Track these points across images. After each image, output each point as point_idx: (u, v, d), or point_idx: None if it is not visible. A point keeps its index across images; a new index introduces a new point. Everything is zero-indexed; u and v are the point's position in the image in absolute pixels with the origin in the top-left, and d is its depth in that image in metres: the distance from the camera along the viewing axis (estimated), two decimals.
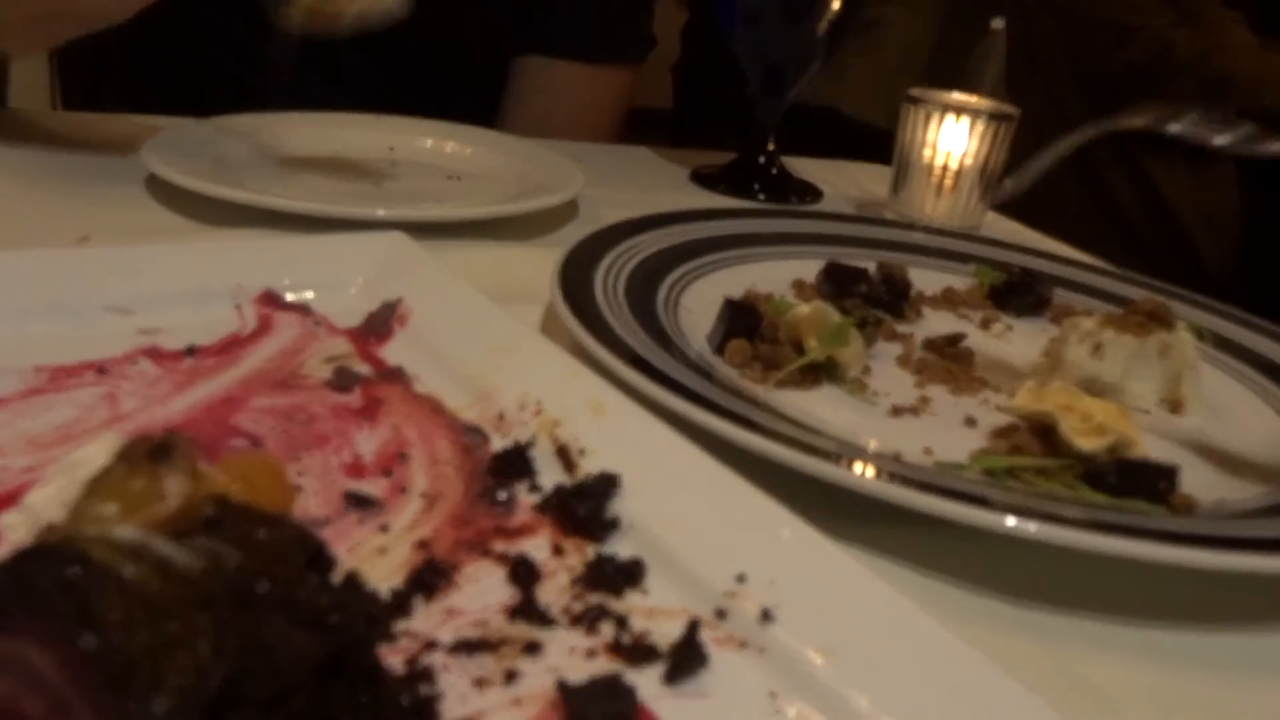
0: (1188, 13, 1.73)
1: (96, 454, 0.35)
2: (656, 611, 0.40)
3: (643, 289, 0.69)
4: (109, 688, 0.25)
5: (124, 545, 0.28)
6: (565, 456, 0.48)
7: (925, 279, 0.83)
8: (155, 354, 0.54)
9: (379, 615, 0.37)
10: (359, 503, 0.44)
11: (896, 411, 0.62)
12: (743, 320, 0.65)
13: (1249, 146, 0.63)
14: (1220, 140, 0.64)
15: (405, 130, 1.02)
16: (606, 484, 0.45)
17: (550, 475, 0.47)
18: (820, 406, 0.60)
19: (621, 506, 0.44)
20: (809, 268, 0.79)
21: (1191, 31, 1.72)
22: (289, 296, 0.61)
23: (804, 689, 0.37)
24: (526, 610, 0.39)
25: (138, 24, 0.86)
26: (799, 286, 0.78)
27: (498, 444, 0.49)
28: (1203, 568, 0.45)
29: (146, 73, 1.06)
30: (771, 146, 1.11)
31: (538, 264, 0.69)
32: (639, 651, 0.37)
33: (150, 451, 0.31)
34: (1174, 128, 0.65)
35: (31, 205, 0.77)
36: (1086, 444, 0.54)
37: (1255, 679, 0.45)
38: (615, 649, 0.37)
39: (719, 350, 0.64)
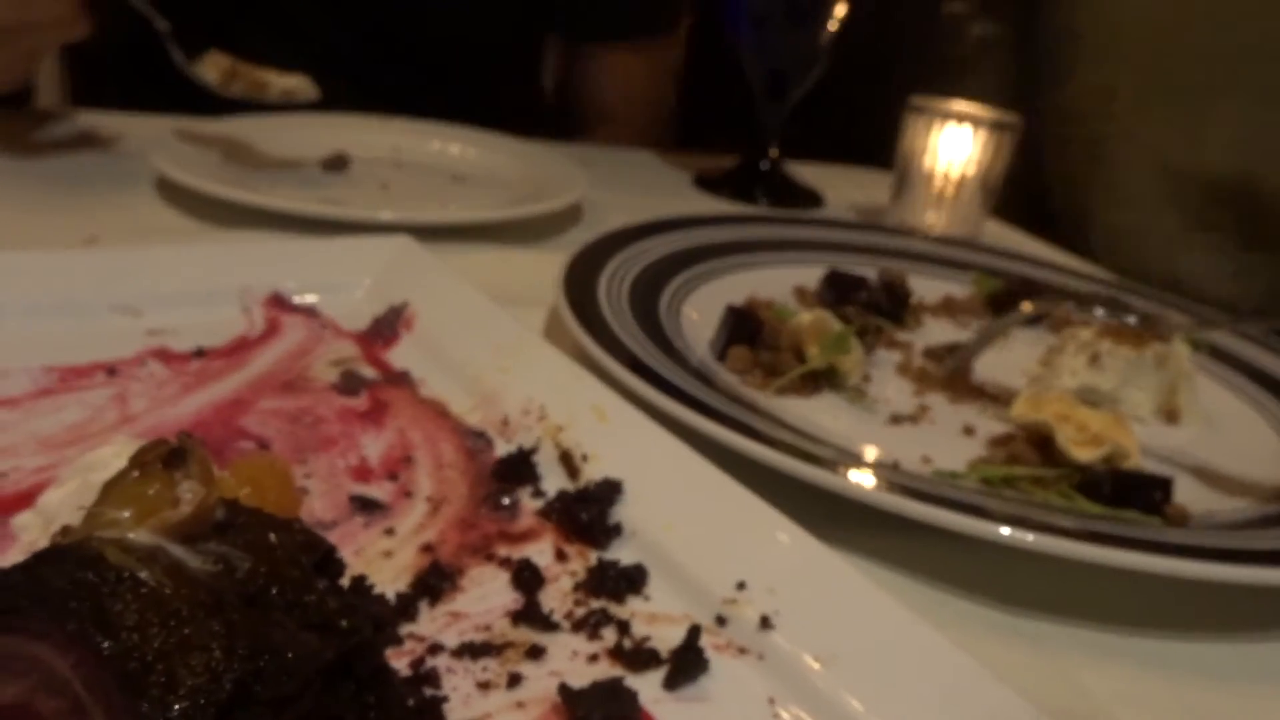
0: None
1: (110, 456, 0.36)
2: (658, 617, 0.40)
3: (646, 294, 0.70)
4: (123, 689, 0.26)
5: (138, 549, 0.29)
6: (568, 462, 0.48)
7: (925, 287, 0.83)
8: (164, 355, 0.55)
9: (386, 619, 0.37)
10: (365, 506, 0.45)
11: (895, 419, 0.62)
12: (744, 327, 0.65)
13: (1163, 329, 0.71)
14: (1131, 319, 0.71)
15: (411, 133, 1.03)
16: (609, 490, 0.46)
17: (554, 480, 0.48)
18: (820, 414, 0.61)
19: (624, 512, 0.45)
20: (810, 274, 0.80)
21: None
22: (296, 299, 0.62)
23: (802, 695, 0.37)
24: (530, 615, 0.39)
25: (145, 25, 0.86)
26: (800, 293, 0.79)
27: (502, 449, 0.50)
28: (1196, 578, 0.46)
29: (153, 73, 1.06)
30: (774, 152, 1.12)
31: (542, 267, 0.70)
32: (640, 656, 0.38)
33: (165, 457, 0.31)
34: (1099, 312, 0.73)
35: (40, 205, 0.77)
36: (1082, 454, 0.55)
37: (1249, 687, 0.46)
38: (617, 654, 0.38)
39: (721, 357, 0.65)
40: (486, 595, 0.40)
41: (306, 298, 0.62)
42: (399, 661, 0.36)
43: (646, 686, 0.36)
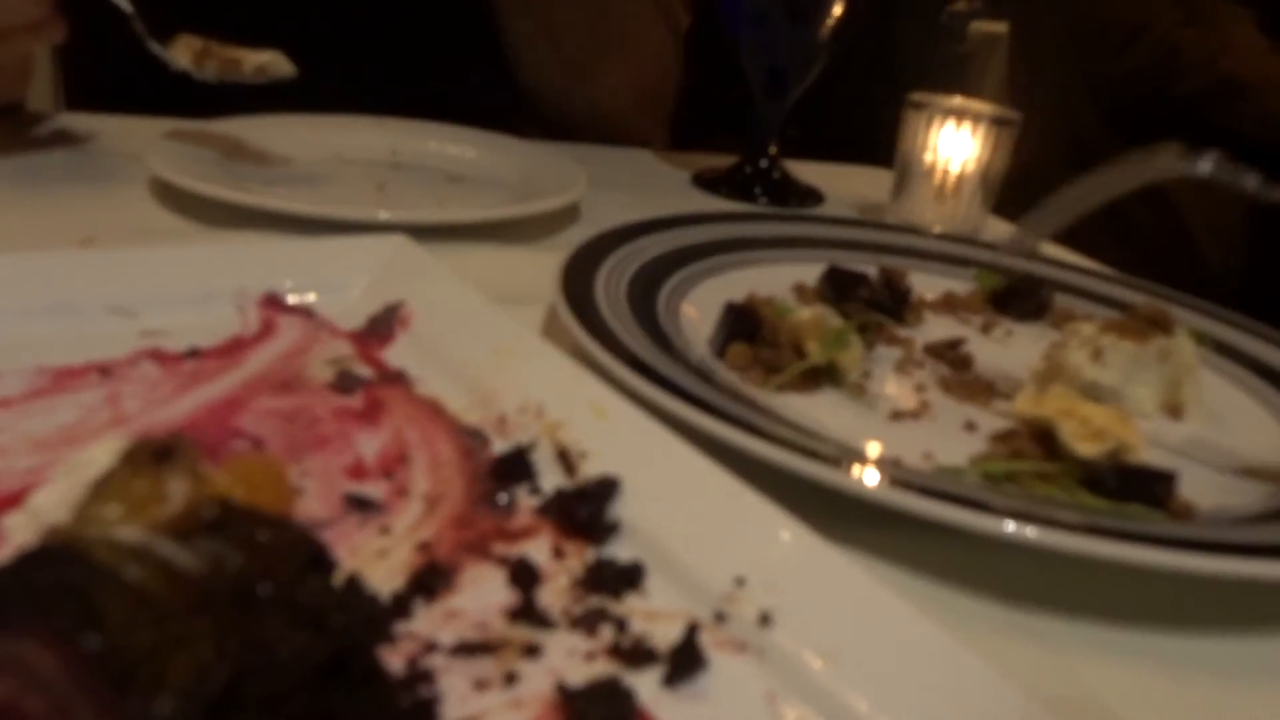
0: (1196, 13, 1.72)
1: (100, 455, 0.35)
2: (656, 614, 0.40)
3: (644, 292, 0.69)
4: (111, 688, 0.25)
5: (127, 547, 0.28)
6: (566, 459, 0.48)
7: (926, 283, 0.83)
8: (158, 356, 0.54)
9: (380, 617, 0.37)
10: (360, 505, 0.44)
11: (896, 416, 0.62)
12: (744, 324, 0.65)
13: (1268, 192, 0.62)
14: (1249, 183, 0.61)
15: (407, 132, 1.03)
16: (607, 487, 0.45)
17: (551, 478, 0.47)
18: (820, 410, 0.60)
19: (622, 510, 0.45)
20: (810, 271, 0.80)
21: (1199, 32, 1.71)
22: (291, 299, 0.62)
23: (803, 692, 0.37)
24: (526, 612, 0.39)
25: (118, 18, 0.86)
26: (800, 290, 0.79)
27: (499, 447, 0.50)
28: (1201, 573, 0.45)
29: (149, 74, 1.06)
30: (773, 150, 1.12)
31: (540, 266, 0.70)
32: (638, 654, 0.37)
33: (154, 454, 0.31)
34: (1204, 168, 0.62)
35: (35, 207, 0.77)
36: (1085, 449, 0.55)
37: (1254, 684, 0.45)
38: (614, 652, 0.38)
39: (720, 354, 0.65)
40: (483, 593, 0.40)
41: (302, 297, 0.62)
42: (394, 660, 0.35)
43: (645, 684, 0.36)
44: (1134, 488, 0.53)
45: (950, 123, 0.99)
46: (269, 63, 0.86)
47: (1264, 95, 1.71)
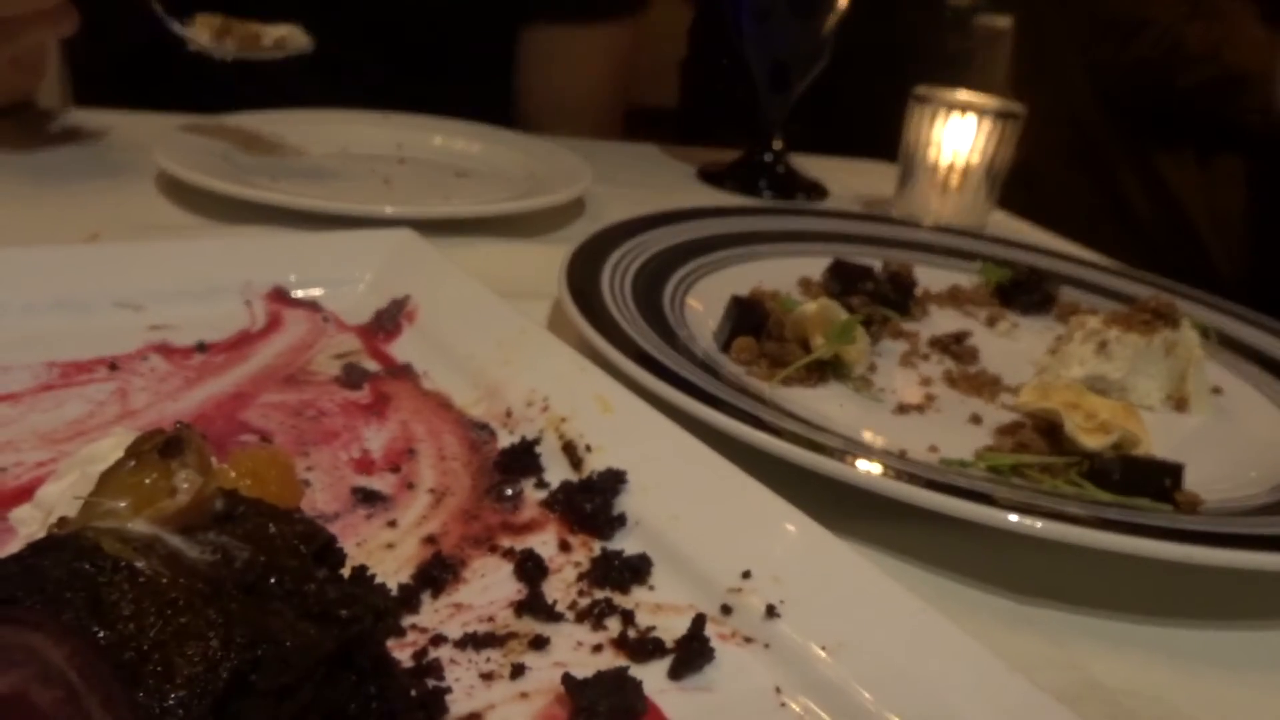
0: (1199, 6, 1.72)
1: (108, 449, 0.35)
2: (662, 607, 0.40)
3: (649, 286, 0.69)
4: (119, 678, 0.26)
5: (135, 539, 0.28)
6: (572, 453, 0.48)
7: (931, 277, 0.83)
8: (166, 350, 0.54)
9: (387, 609, 0.37)
10: (367, 498, 0.44)
11: (902, 409, 0.62)
12: (749, 317, 0.65)
13: None
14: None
15: (413, 128, 1.03)
16: (613, 480, 0.45)
17: (557, 471, 0.47)
18: (826, 404, 0.60)
19: (628, 503, 0.45)
20: (815, 265, 0.79)
21: (1203, 25, 1.71)
22: (298, 293, 0.62)
23: (809, 684, 0.37)
24: (533, 605, 0.39)
25: (146, 24, 0.86)
26: (805, 284, 0.79)
27: (505, 440, 0.50)
28: (1207, 564, 0.45)
29: (155, 71, 1.06)
30: (778, 144, 1.12)
31: (545, 260, 0.70)
32: (645, 646, 0.37)
33: (161, 446, 0.31)
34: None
35: (42, 202, 0.77)
36: (1091, 441, 0.55)
37: (1261, 675, 0.45)
38: (621, 644, 0.38)
39: (725, 347, 0.65)
40: (489, 586, 0.40)
41: (308, 291, 0.62)
42: (401, 653, 0.35)
43: (651, 676, 0.36)
44: (1140, 480, 0.53)
45: (955, 116, 0.99)
46: (287, 36, 0.86)
47: (1267, 88, 1.71)
